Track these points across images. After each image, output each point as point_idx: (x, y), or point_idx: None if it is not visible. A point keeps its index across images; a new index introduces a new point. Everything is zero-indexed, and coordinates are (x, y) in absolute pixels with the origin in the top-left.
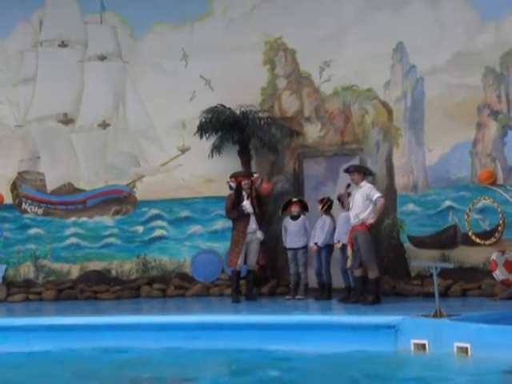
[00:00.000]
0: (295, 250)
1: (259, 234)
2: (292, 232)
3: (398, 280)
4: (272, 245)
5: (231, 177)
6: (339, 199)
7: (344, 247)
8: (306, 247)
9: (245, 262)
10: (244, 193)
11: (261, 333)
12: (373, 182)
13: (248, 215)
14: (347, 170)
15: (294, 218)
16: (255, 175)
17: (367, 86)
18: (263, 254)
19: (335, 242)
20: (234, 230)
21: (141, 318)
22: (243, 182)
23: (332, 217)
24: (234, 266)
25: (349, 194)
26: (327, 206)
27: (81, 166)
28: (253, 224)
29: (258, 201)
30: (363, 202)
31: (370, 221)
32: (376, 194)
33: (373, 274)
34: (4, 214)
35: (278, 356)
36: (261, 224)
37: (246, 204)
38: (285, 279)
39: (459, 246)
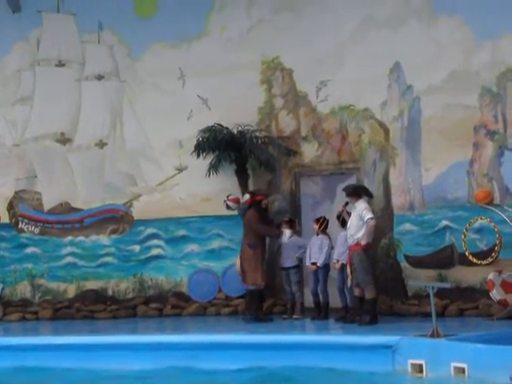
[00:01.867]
0: (287, 269)
1: None
2: (285, 251)
3: (394, 300)
4: (269, 264)
5: (250, 194)
6: (338, 218)
7: (343, 266)
8: (298, 266)
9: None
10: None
11: (258, 353)
12: (369, 202)
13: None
14: (344, 190)
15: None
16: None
17: (364, 106)
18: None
19: (334, 261)
20: (254, 248)
21: (137, 337)
22: (263, 202)
23: (329, 236)
24: (259, 284)
25: (348, 213)
26: (324, 225)
27: (78, 185)
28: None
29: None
30: (357, 222)
31: (363, 242)
32: (367, 216)
33: (369, 294)
34: (1, 233)
35: (275, 375)
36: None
37: (287, 233)
38: (282, 298)
39: (456, 266)
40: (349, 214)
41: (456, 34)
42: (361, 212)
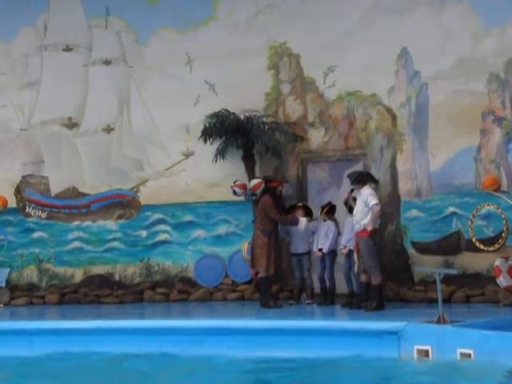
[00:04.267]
0: (300, 255)
1: None
2: (297, 237)
3: (401, 286)
4: (275, 250)
5: (265, 179)
6: (346, 204)
7: (350, 252)
8: (309, 252)
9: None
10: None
11: (264, 338)
12: (376, 188)
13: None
14: (349, 177)
15: None
16: (259, 180)
17: (371, 92)
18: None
19: (341, 247)
20: (268, 236)
21: (144, 322)
22: (278, 188)
23: (336, 222)
24: (271, 271)
25: (354, 199)
26: (326, 210)
27: (85, 170)
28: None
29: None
30: (363, 208)
31: (369, 228)
32: (372, 201)
33: (375, 280)
34: (8, 218)
35: (281, 361)
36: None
37: (304, 220)
38: (288, 284)
39: (463, 252)
40: (355, 201)
41: (464, 20)
42: (366, 198)
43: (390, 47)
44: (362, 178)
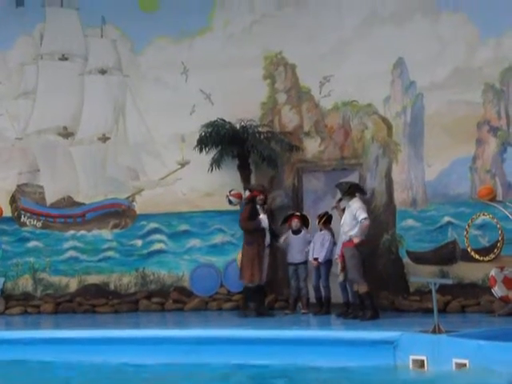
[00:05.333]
0: (296, 264)
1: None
2: (293, 247)
3: (396, 295)
4: (271, 259)
5: (248, 189)
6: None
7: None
8: (306, 262)
9: None
10: (259, 207)
11: (258, 348)
12: (371, 198)
13: (263, 229)
14: (338, 187)
15: (295, 232)
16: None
17: (367, 102)
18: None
19: (336, 256)
20: (249, 245)
21: (139, 331)
22: (258, 197)
23: (332, 231)
24: (256, 281)
25: (343, 210)
26: (324, 220)
27: (80, 180)
28: (267, 239)
29: (271, 216)
30: (351, 221)
31: (356, 240)
32: (361, 215)
33: (362, 289)
34: (3, 227)
35: (276, 371)
36: (274, 239)
37: (264, 218)
38: (283, 294)
39: (458, 262)
40: (343, 211)
41: (459, 30)
42: (355, 211)
43: (385, 57)
44: (352, 190)
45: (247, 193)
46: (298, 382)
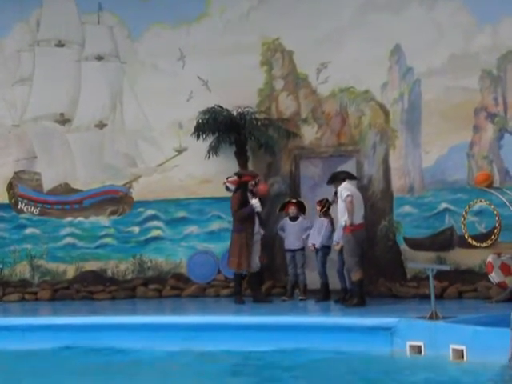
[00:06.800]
0: (294, 251)
1: (261, 231)
2: (291, 233)
3: (393, 282)
4: (268, 246)
5: (237, 175)
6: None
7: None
8: (304, 248)
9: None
10: (249, 193)
11: (256, 334)
12: (368, 184)
13: (253, 216)
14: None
15: (293, 219)
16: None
17: (364, 88)
18: (263, 251)
19: (334, 243)
20: (238, 232)
21: (136, 318)
22: (250, 183)
23: (331, 218)
24: (243, 268)
25: None
26: (326, 207)
27: (77, 166)
28: (257, 224)
29: (261, 201)
30: (341, 205)
31: (348, 222)
32: (344, 194)
33: (355, 276)
34: (0, 214)
35: (274, 357)
36: (263, 224)
37: (256, 202)
38: (280, 280)
39: (455, 249)
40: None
41: (456, 16)
42: (340, 193)
43: (382, 44)
44: (338, 177)
45: (235, 178)
46: (296, 368)
